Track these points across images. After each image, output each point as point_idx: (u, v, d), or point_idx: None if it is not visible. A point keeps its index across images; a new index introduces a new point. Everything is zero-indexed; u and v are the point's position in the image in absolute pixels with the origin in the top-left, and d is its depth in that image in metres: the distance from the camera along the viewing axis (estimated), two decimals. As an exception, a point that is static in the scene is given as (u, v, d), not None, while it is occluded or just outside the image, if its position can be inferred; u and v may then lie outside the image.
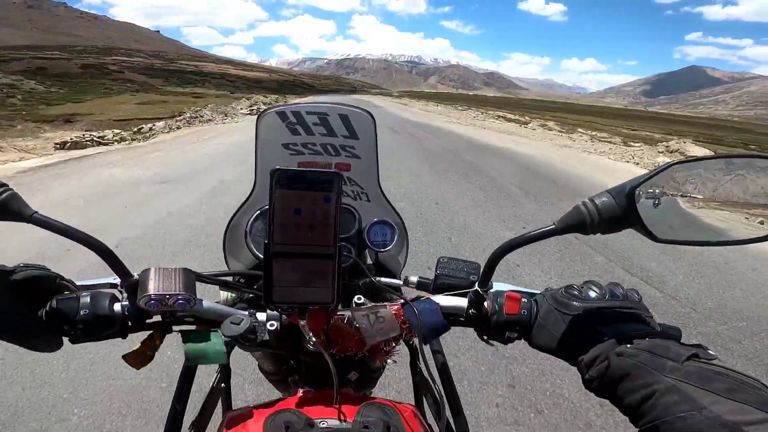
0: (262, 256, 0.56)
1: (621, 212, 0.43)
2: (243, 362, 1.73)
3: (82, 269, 2.51)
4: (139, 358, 0.50)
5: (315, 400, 0.52)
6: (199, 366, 0.56)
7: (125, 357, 0.50)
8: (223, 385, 0.71)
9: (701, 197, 0.49)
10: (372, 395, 0.67)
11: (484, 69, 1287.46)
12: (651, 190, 0.45)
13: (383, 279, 0.63)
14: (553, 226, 0.46)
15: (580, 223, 0.45)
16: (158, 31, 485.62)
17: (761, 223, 0.64)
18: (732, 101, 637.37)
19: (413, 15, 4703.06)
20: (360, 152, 0.69)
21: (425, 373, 0.59)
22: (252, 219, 0.68)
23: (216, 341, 0.49)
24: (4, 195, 0.43)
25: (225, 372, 0.72)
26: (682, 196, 0.48)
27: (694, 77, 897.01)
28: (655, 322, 0.45)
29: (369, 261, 0.72)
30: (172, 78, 75.51)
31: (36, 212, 0.43)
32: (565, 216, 0.46)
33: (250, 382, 1.74)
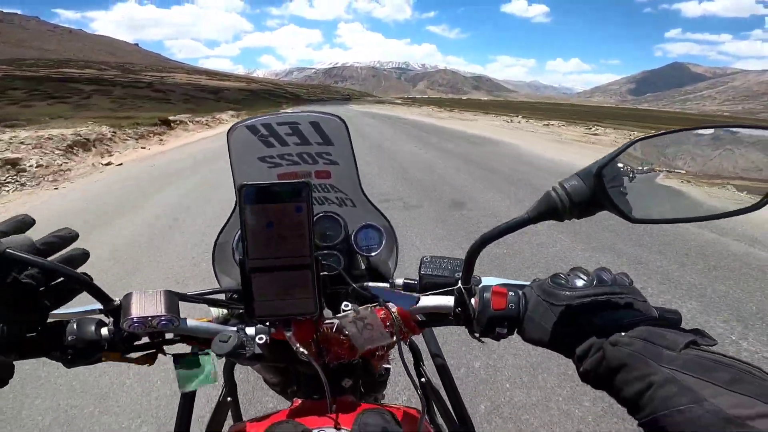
0: None
1: (591, 194, 0.42)
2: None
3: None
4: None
5: (312, 409, 0.52)
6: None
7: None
8: (229, 399, 0.73)
9: (673, 172, 0.47)
10: (383, 399, 0.69)
11: (472, 72, 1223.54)
12: (622, 169, 0.43)
13: (371, 284, 0.62)
14: (526, 216, 0.45)
15: (552, 209, 0.43)
16: (137, 44, 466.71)
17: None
18: (718, 96, 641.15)
19: (399, 21, 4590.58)
20: (337, 158, 0.68)
21: (413, 376, 0.61)
22: (237, 235, 0.68)
23: (206, 363, 0.51)
24: None
25: (230, 385, 0.73)
26: (652, 172, 0.46)
27: (678, 74, 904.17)
28: (650, 306, 0.43)
29: (362, 266, 0.71)
30: (44, 88, 53.98)
31: (8, 248, 0.43)
32: (537, 203, 0.45)
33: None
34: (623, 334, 0.38)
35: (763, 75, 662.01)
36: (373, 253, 0.68)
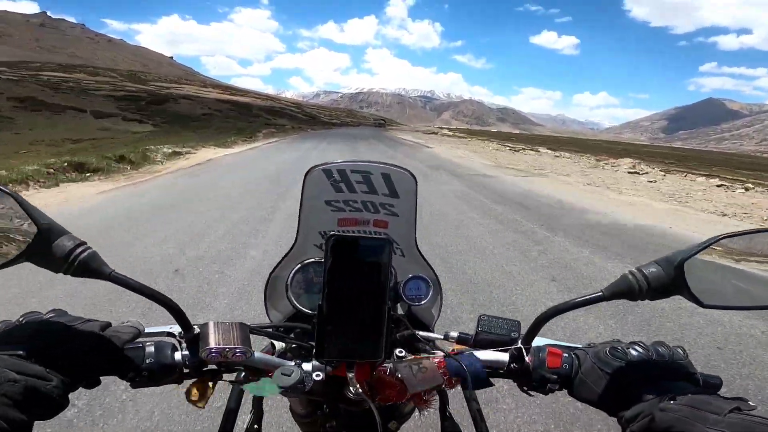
0: (301, 308, 0.65)
1: (670, 281, 0.45)
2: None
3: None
4: (197, 400, 0.54)
5: None
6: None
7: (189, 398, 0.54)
8: (256, 426, 0.75)
9: (753, 267, 0.49)
10: None
11: (497, 104, 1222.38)
12: (700, 259, 0.46)
13: (422, 333, 0.66)
14: (601, 293, 0.48)
15: (628, 290, 0.47)
16: (172, 57, 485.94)
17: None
18: (756, 135, 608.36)
19: (426, 49, 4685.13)
20: (399, 210, 0.72)
21: (454, 420, 0.63)
22: (293, 272, 0.70)
23: (267, 386, 0.54)
24: (85, 254, 0.45)
25: (258, 414, 0.76)
26: (732, 264, 0.48)
27: (713, 110, 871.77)
28: (698, 376, 0.47)
29: (400, 311, 0.74)
30: None
31: (113, 271, 0.46)
32: (614, 283, 0.48)
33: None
34: (672, 402, 0.41)
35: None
36: (419, 303, 0.71)
